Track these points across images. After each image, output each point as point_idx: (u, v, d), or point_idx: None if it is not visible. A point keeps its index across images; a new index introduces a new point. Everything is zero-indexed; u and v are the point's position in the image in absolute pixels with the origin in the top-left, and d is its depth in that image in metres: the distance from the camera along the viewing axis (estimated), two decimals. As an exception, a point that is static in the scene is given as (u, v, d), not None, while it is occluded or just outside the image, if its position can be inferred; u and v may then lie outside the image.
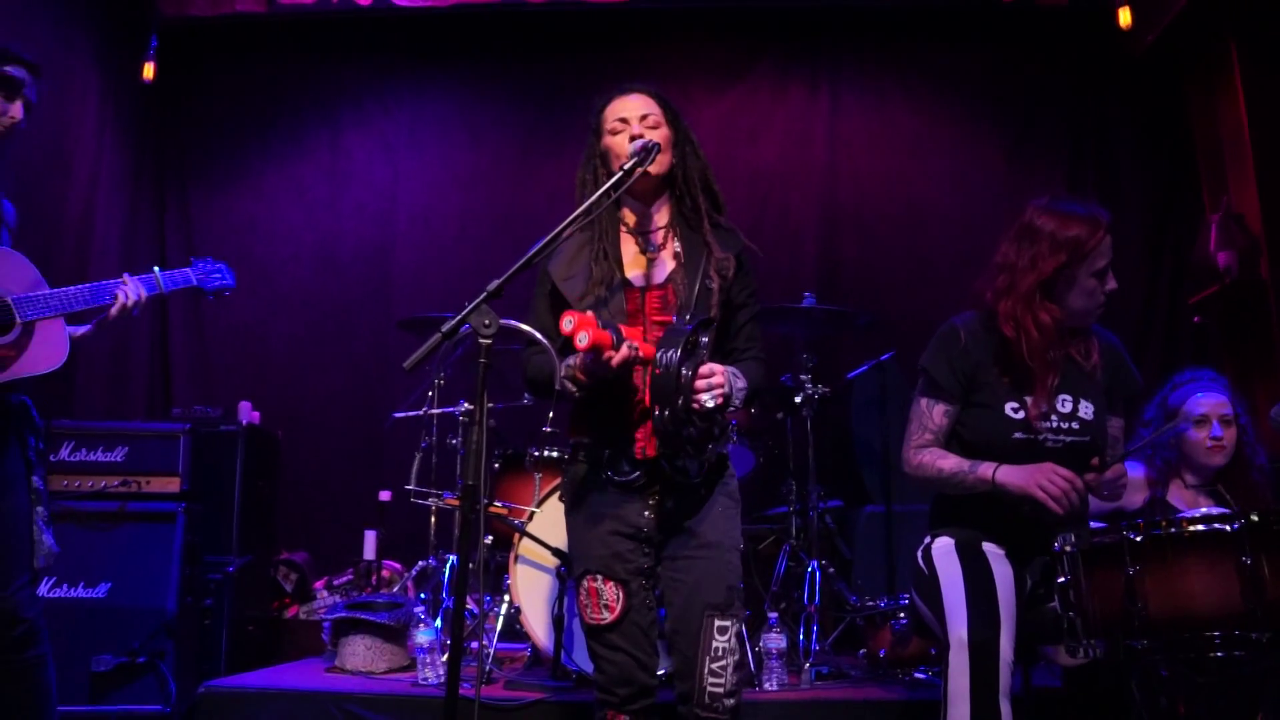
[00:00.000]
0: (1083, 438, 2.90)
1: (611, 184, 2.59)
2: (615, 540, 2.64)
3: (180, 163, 6.62)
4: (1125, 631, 2.52)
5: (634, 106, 2.75)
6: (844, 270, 6.36)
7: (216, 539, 4.83)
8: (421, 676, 3.98)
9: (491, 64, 6.70)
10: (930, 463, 2.94)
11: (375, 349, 6.34)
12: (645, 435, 2.61)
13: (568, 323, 2.38)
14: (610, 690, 2.63)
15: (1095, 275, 2.91)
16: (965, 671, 2.66)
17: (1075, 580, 2.62)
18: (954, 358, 2.97)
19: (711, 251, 2.70)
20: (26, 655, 2.89)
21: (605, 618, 2.61)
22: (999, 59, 6.51)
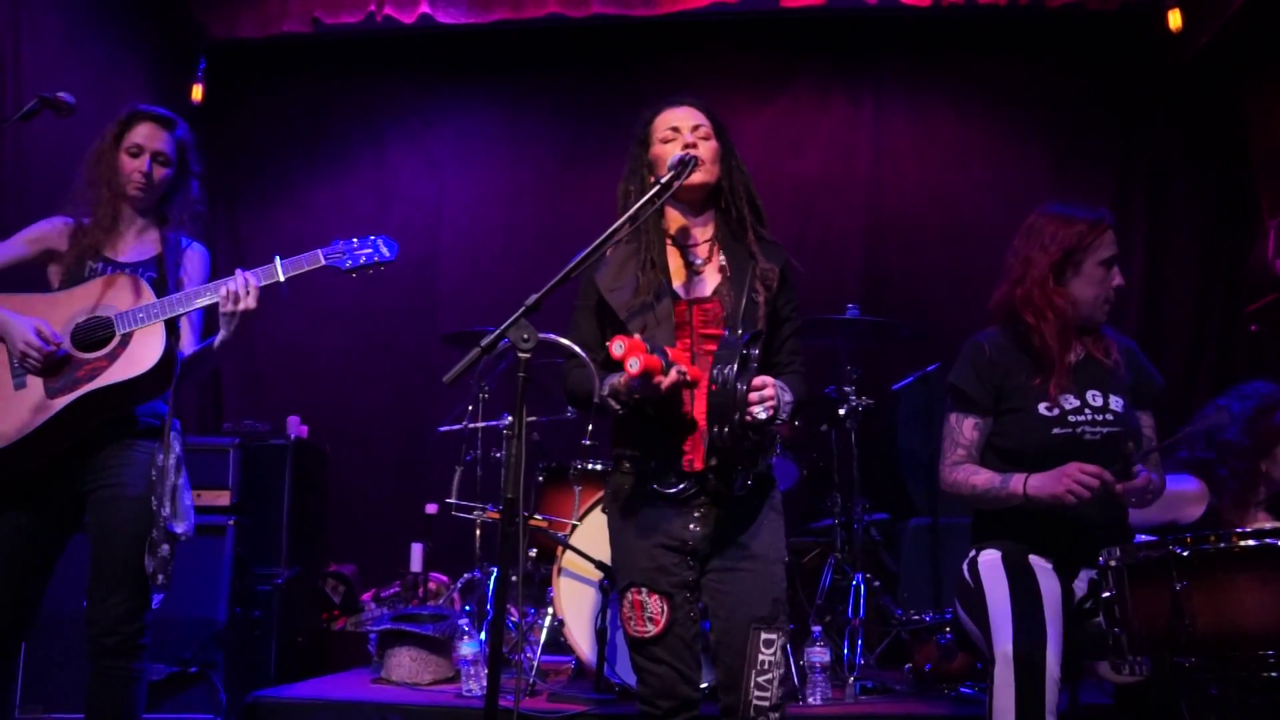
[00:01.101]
0: (1117, 429, 2.89)
1: (652, 195, 2.59)
2: (660, 553, 2.63)
3: (229, 182, 6.73)
4: (1172, 648, 2.45)
5: (686, 117, 2.76)
6: (888, 282, 6.32)
7: (265, 551, 4.88)
8: (466, 688, 4.00)
9: (533, 79, 6.74)
10: (964, 480, 2.94)
11: (421, 363, 6.38)
12: (692, 447, 2.61)
13: (618, 347, 2.38)
14: (653, 702, 2.62)
15: (1102, 265, 2.97)
16: (1011, 687, 2.62)
17: (1120, 595, 2.57)
18: (981, 369, 3.00)
19: (756, 263, 2.70)
20: (117, 665, 2.93)
21: (649, 630, 2.61)
22: (1045, 67, 6.45)
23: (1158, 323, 6.06)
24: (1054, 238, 2.98)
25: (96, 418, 2.95)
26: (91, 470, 2.97)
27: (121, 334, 2.96)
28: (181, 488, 3.00)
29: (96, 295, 3.02)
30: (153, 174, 3.14)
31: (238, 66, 6.63)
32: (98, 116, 3.54)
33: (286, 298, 3.26)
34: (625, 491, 2.70)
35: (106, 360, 2.94)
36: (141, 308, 2.96)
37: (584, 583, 4.12)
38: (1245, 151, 6.12)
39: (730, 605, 2.60)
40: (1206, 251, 6.21)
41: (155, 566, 2.90)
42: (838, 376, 4.87)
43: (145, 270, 3.11)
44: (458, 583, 5.09)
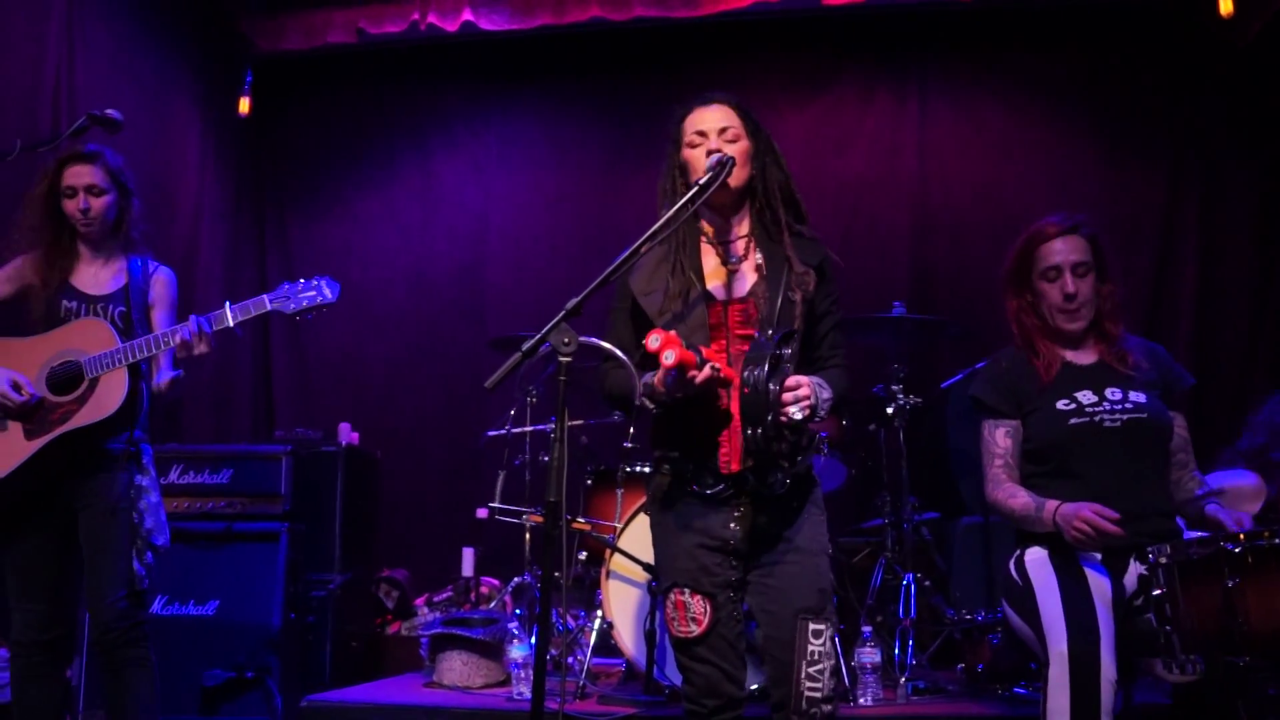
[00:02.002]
0: (1140, 415, 2.92)
1: (686, 200, 2.59)
2: (702, 553, 2.63)
3: (278, 192, 6.84)
4: (1225, 647, 2.44)
5: (713, 118, 2.74)
6: (936, 279, 6.26)
7: (319, 557, 4.94)
8: (516, 691, 4.02)
9: (576, 83, 6.77)
10: (1003, 501, 2.99)
11: (469, 368, 6.42)
12: (729, 448, 2.61)
13: (654, 340, 2.39)
14: (698, 702, 2.63)
15: (1041, 277, 3.05)
16: (1065, 688, 2.61)
17: (1171, 593, 2.55)
18: (996, 379, 3.11)
19: (792, 266, 2.68)
20: (125, 654, 3.22)
21: (693, 631, 2.61)
22: (1093, 58, 6.35)
23: (1212, 314, 5.94)
24: (1011, 251, 3.16)
25: (72, 452, 3.22)
26: (80, 492, 3.25)
27: (89, 378, 3.22)
28: (158, 505, 3.35)
29: (68, 339, 3.29)
30: (91, 208, 3.35)
31: (284, 79, 6.72)
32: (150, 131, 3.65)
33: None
34: (665, 493, 2.71)
35: (76, 404, 3.21)
36: (108, 353, 3.21)
37: (632, 585, 4.13)
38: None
39: (776, 599, 2.60)
40: (1262, 241, 6.08)
41: (145, 571, 3.24)
42: (885, 375, 4.84)
43: (114, 304, 3.37)
44: (508, 586, 5.11)
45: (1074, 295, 3.00)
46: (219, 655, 4.41)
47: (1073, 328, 3.04)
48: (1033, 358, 3.06)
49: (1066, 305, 3.01)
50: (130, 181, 3.46)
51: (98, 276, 3.41)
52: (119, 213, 3.43)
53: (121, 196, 3.42)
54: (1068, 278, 3.01)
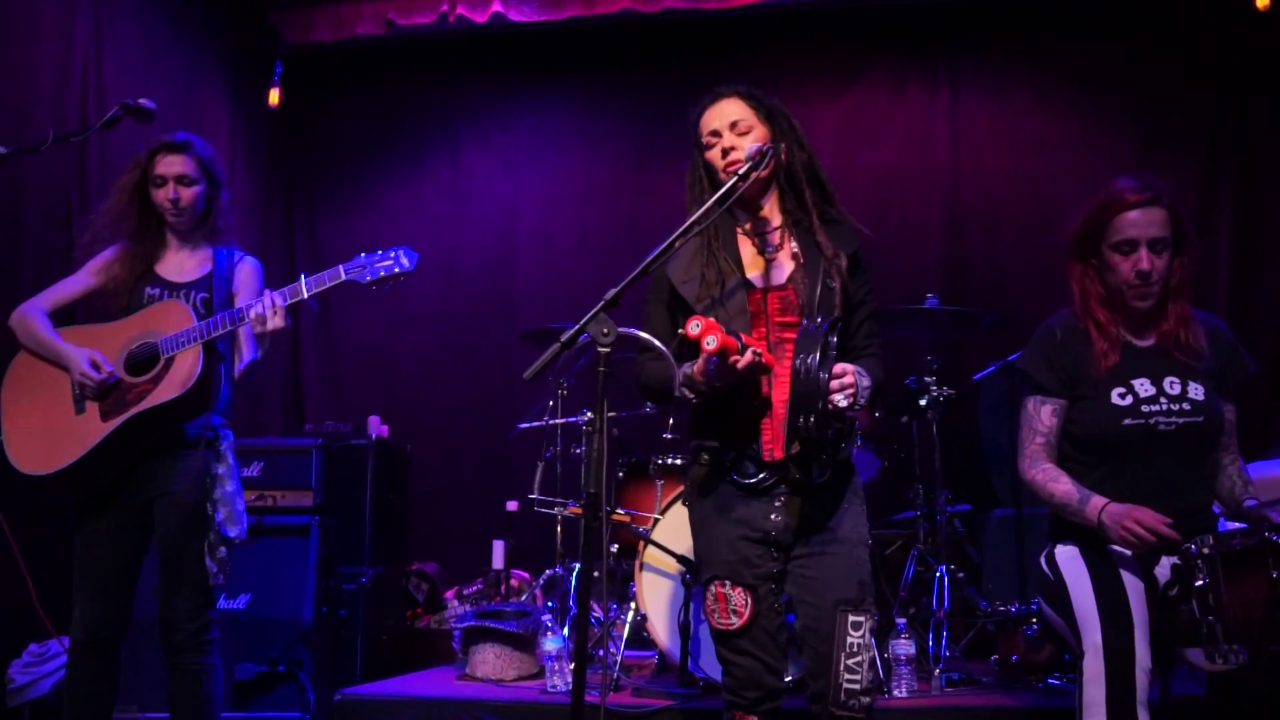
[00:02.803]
0: (1196, 418, 2.81)
1: (721, 194, 2.58)
2: (743, 545, 2.62)
3: (307, 185, 6.85)
4: (1270, 637, 2.43)
5: (723, 115, 2.73)
6: (969, 271, 6.22)
7: (349, 551, 4.96)
8: (550, 684, 4.01)
9: (607, 76, 6.76)
10: (1043, 483, 2.88)
11: (499, 361, 6.43)
12: (770, 436, 2.60)
13: (694, 326, 2.37)
14: (739, 693, 2.62)
15: (1114, 249, 2.85)
16: (1101, 680, 2.59)
17: (1214, 584, 2.53)
18: (1051, 354, 2.94)
19: (824, 250, 2.67)
20: (189, 661, 3.18)
21: (733, 623, 2.60)
22: (1127, 50, 6.28)
23: (1246, 307, 5.88)
24: (1081, 213, 2.95)
25: (147, 435, 3.18)
26: (153, 480, 3.20)
27: (165, 357, 3.16)
28: (234, 494, 3.27)
29: (147, 321, 3.24)
30: (181, 198, 3.32)
31: (314, 71, 6.72)
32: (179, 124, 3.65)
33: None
34: (705, 483, 2.70)
35: (151, 383, 3.16)
36: (183, 331, 3.16)
37: (666, 577, 4.12)
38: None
39: (816, 590, 2.59)
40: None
41: (217, 567, 3.17)
42: (918, 367, 4.81)
43: (198, 290, 3.33)
44: (539, 579, 5.11)
45: (1148, 274, 2.81)
46: (250, 649, 4.41)
47: (1142, 305, 2.86)
48: (1092, 330, 2.89)
49: (1138, 283, 2.82)
50: (220, 173, 3.43)
51: (183, 265, 3.38)
52: (207, 203, 3.39)
53: (211, 187, 3.39)
54: (1143, 253, 2.81)
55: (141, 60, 5.43)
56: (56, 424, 3.19)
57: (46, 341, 3.26)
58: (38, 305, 3.35)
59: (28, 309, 3.34)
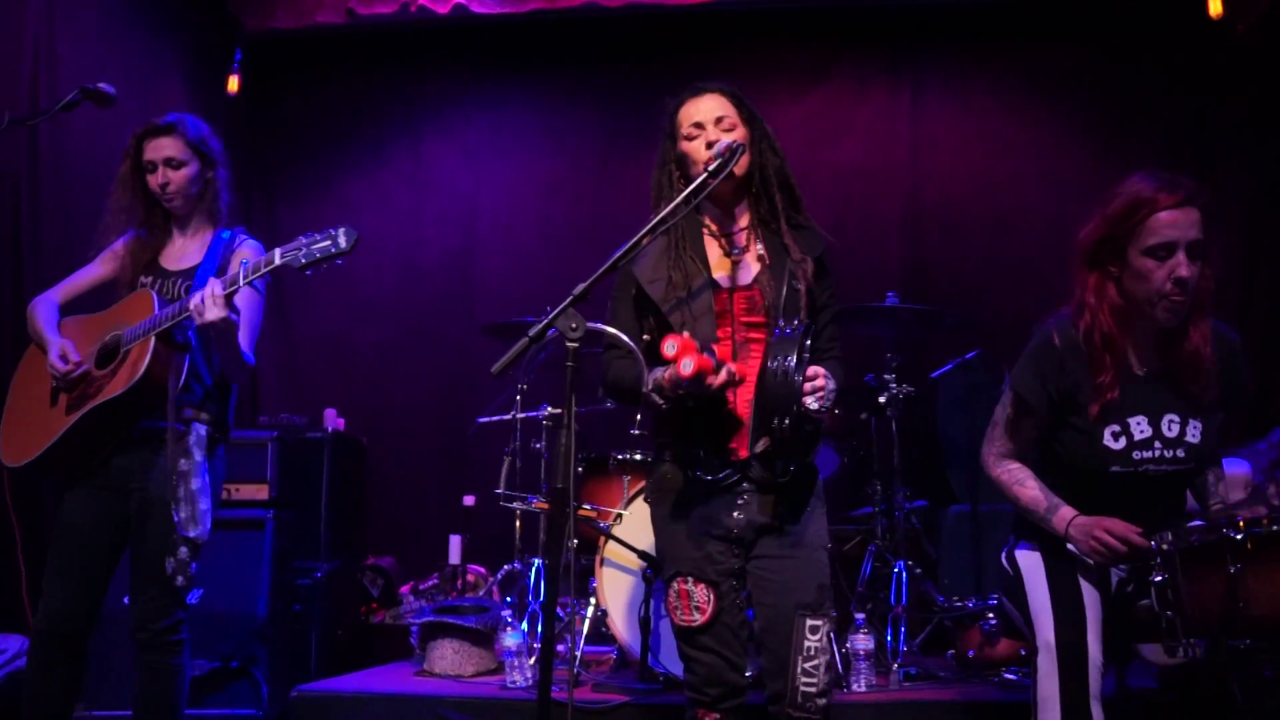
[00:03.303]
0: (1188, 465, 2.70)
1: (693, 189, 2.57)
2: (706, 541, 2.63)
3: (265, 174, 6.74)
4: (1227, 631, 2.46)
5: (708, 108, 2.72)
6: (929, 270, 6.27)
7: (305, 545, 4.90)
8: (510, 680, 4.00)
9: (571, 70, 6.72)
10: (1008, 484, 2.83)
11: (458, 355, 6.39)
12: (737, 436, 2.61)
13: (670, 347, 2.38)
14: (701, 690, 2.64)
15: (1148, 254, 2.57)
16: (1054, 675, 2.64)
17: (1173, 579, 2.54)
18: (1046, 373, 2.73)
19: (790, 254, 2.68)
20: (155, 660, 3.11)
21: (696, 619, 2.61)
22: (1088, 54, 6.36)
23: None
24: (1103, 214, 2.68)
25: (109, 429, 3.11)
26: (129, 474, 3.14)
27: (124, 350, 3.10)
28: (199, 492, 3.12)
29: (121, 313, 3.18)
30: (171, 181, 3.23)
31: (275, 58, 6.62)
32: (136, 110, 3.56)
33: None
34: (670, 481, 2.70)
35: (109, 377, 3.10)
36: (142, 323, 3.08)
37: (626, 573, 4.12)
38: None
39: (776, 593, 2.60)
40: (1253, 238, 6.12)
41: (174, 568, 3.06)
42: (878, 364, 4.84)
43: (186, 278, 3.23)
44: (497, 575, 5.09)
45: (1186, 281, 2.54)
46: (203, 646, 4.29)
47: (1172, 320, 2.61)
48: (1096, 350, 2.66)
49: (1175, 291, 2.55)
50: (214, 150, 3.32)
51: (184, 251, 3.29)
52: (204, 184, 3.29)
53: (205, 166, 3.29)
54: (1182, 258, 2.54)
55: (96, 41, 5.30)
56: (35, 416, 3.16)
57: (38, 331, 3.22)
58: (50, 295, 3.31)
59: (38, 299, 3.30)
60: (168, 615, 3.10)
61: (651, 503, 2.77)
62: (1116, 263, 2.65)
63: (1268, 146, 6.14)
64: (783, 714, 2.56)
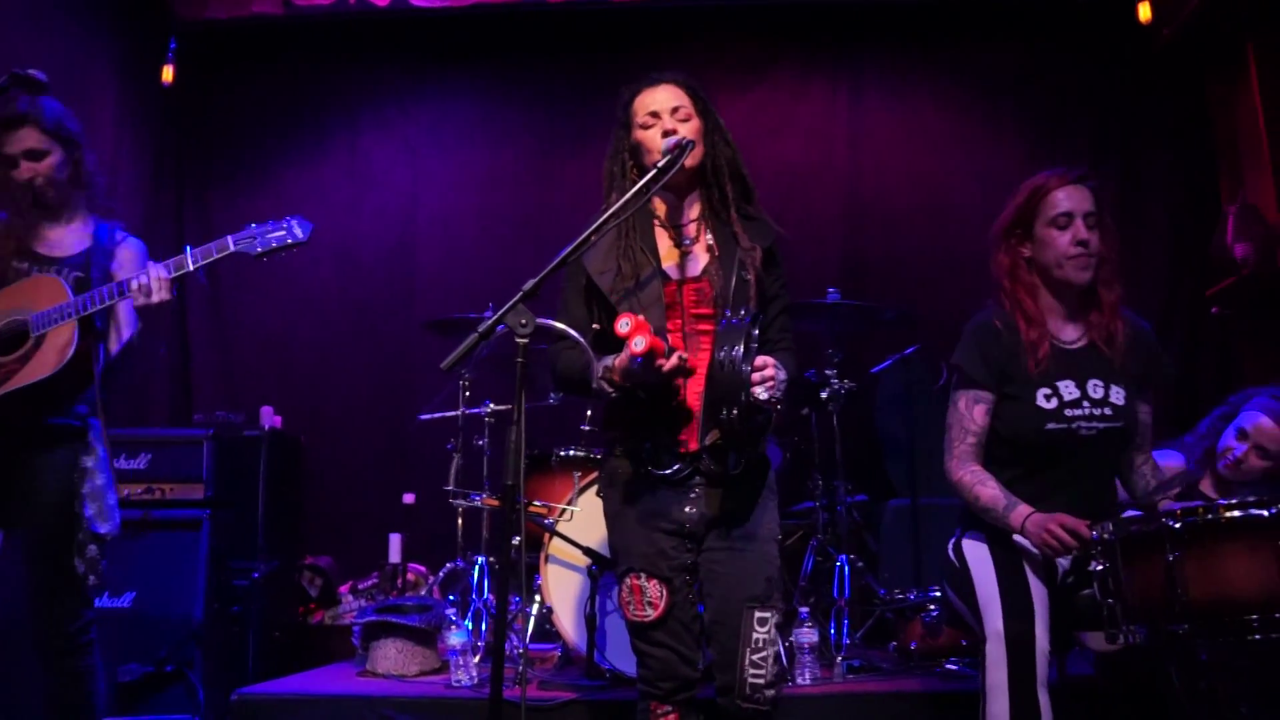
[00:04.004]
0: (1116, 423, 2.90)
1: (646, 181, 2.58)
2: (658, 537, 2.64)
3: (200, 166, 6.61)
4: (1166, 617, 2.53)
5: (664, 99, 2.73)
6: (868, 266, 6.34)
7: (242, 545, 4.82)
8: (455, 679, 3.96)
9: (512, 65, 6.68)
10: (970, 485, 2.93)
11: (398, 351, 6.34)
12: (688, 429, 2.62)
13: (623, 324, 2.37)
14: (654, 684, 2.65)
15: (1051, 224, 2.93)
16: (1003, 664, 2.70)
17: (1114, 568, 2.63)
18: (986, 348, 2.97)
19: (739, 243, 2.69)
20: (66, 664, 3.01)
21: (649, 615, 2.62)
22: (1021, 56, 6.49)
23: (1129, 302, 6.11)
24: (1011, 203, 3.04)
25: (19, 419, 3.00)
26: (17, 473, 3.02)
27: (35, 335, 2.99)
28: (105, 488, 3.07)
29: (16, 298, 3.06)
30: (37, 174, 3.14)
31: (211, 48, 6.49)
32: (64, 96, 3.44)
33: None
34: (621, 475, 2.70)
35: (19, 363, 2.98)
36: (56, 307, 2.99)
37: (572, 569, 4.11)
38: (1212, 140, 6.23)
39: (725, 585, 2.62)
40: (1175, 236, 6.29)
41: (85, 567, 2.99)
42: (819, 360, 4.87)
43: (72, 268, 3.14)
44: (439, 573, 5.04)
45: (1086, 242, 2.90)
46: (136, 649, 4.26)
47: (1084, 276, 2.91)
48: (1022, 326, 2.94)
49: (1079, 252, 2.90)
50: (75, 132, 3.20)
51: (61, 240, 3.19)
52: (72, 168, 3.19)
53: (68, 150, 3.18)
54: (1080, 224, 2.90)
55: (26, 31, 5.13)
56: None
57: None
58: None
59: None
60: (78, 617, 3.02)
61: (603, 497, 2.77)
62: (1027, 242, 3.00)
63: (1189, 148, 6.32)
64: (732, 705, 2.58)
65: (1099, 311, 2.97)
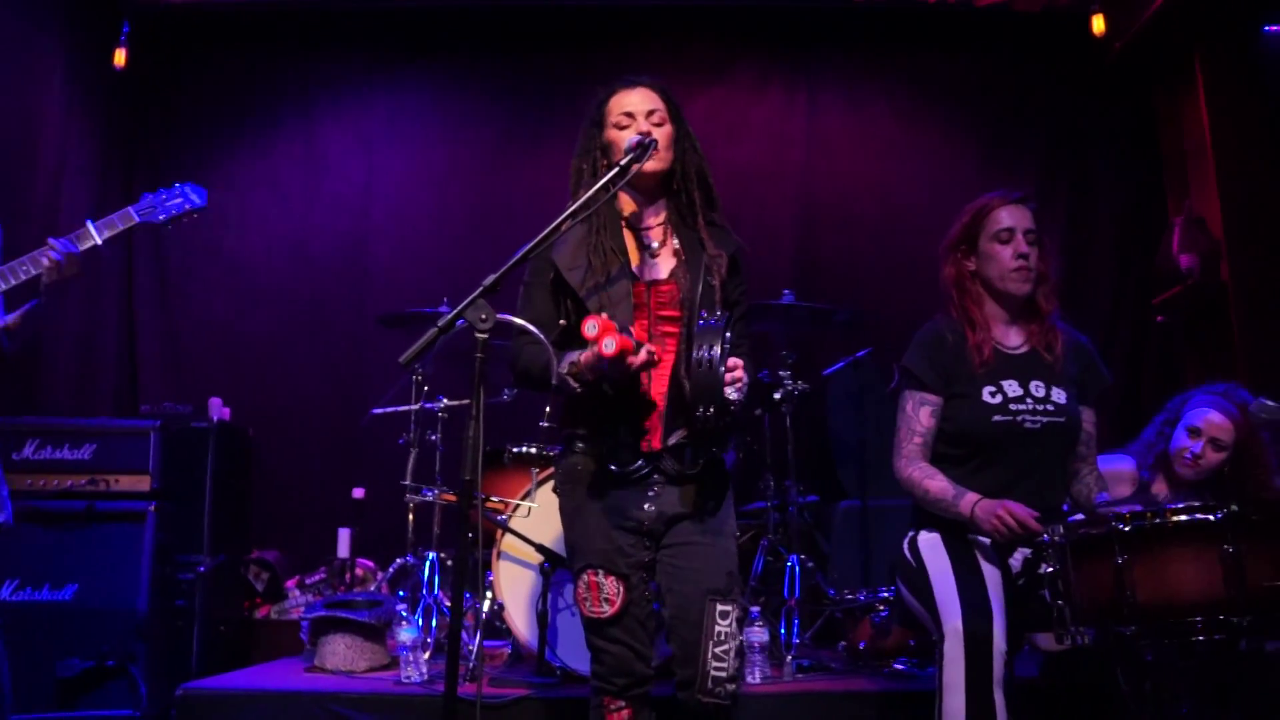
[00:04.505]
0: (1058, 419, 3.02)
1: (609, 179, 2.58)
2: (617, 534, 2.65)
3: (151, 152, 6.50)
4: (1114, 618, 2.58)
5: (640, 101, 2.76)
6: (821, 269, 6.38)
7: (188, 538, 4.74)
8: (404, 675, 3.93)
9: (470, 59, 6.64)
10: (919, 480, 3.01)
11: (349, 344, 6.28)
12: (651, 429, 2.64)
13: (590, 327, 2.37)
14: (608, 680, 2.65)
15: (994, 239, 3.10)
16: (960, 662, 2.72)
17: (1064, 570, 2.69)
18: (933, 352, 3.11)
19: (706, 249, 2.72)
20: None
21: (605, 611, 2.62)
22: (974, 65, 6.58)
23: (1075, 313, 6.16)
24: (958, 221, 3.20)
25: None
26: None
27: None
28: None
29: None
30: None
31: (166, 33, 6.39)
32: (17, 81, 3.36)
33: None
34: (580, 472, 2.70)
35: None
36: None
37: (524, 566, 4.10)
38: (1159, 152, 6.35)
39: (686, 580, 2.64)
40: (1122, 245, 6.41)
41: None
42: (773, 361, 4.90)
43: None
44: (390, 568, 5.00)
45: (1027, 255, 3.06)
46: (77, 644, 4.18)
47: (1024, 289, 3.07)
48: (969, 331, 3.08)
49: (1020, 264, 3.06)
50: None
51: None
52: None
53: None
54: (1021, 239, 3.07)
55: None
56: None
57: None
58: None
59: None
60: None
61: (561, 494, 2.77)
62: (972, 256, 3.16)
63: (1138, 160, 6.44)
64: (692, 700, 2.59)
65: (1039, 323, 3.13)
